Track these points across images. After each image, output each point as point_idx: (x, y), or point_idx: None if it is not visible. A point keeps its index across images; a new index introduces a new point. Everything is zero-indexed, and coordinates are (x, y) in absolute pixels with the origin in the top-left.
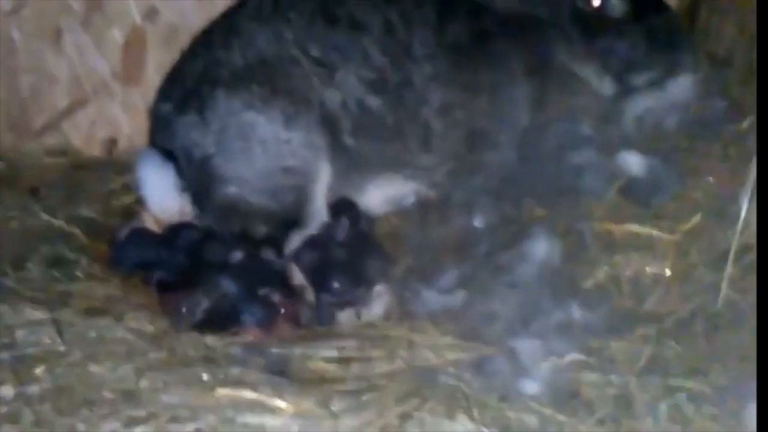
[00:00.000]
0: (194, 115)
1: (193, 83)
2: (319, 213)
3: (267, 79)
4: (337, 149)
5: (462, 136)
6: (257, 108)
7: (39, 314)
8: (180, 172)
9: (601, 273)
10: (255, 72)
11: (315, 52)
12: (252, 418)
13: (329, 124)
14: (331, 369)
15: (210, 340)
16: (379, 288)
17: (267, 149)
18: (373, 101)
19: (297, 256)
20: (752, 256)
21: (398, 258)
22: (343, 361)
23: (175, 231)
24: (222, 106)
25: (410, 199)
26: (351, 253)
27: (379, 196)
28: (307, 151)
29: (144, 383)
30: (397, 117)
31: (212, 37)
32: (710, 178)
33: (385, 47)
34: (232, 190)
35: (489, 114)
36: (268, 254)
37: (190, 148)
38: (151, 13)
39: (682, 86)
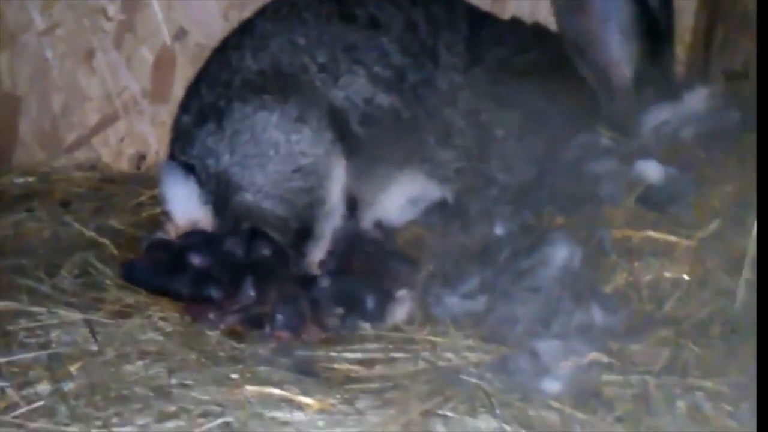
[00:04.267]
0: (211, 124)
1: (210, 93)
2: (334, 215)
3: (279, 85)
4: (348, 142)
5: (483, 140)
6: (270, 110)
7: (73, 316)
8: (200, 183)
9: (621, 278)
10: (267, 79)
11: (322, 58)
12: (279, 414)
13: (337, 119)
14: (356, 369)
15: (237, 342)
16: (402, 293)
17: (279, 151)
18: (384, 98)
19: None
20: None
21: (422, 264)
22: (368, 362)
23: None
24: (236, 114)
25: (433, 200)
26: (372, 260)
27: (401, 196)
28: (318, 149)
29: (174, 380)
30: (413, 113)
31: (228, 45)
32: (727, 187)
33: (405, 47)
34: (247, 197)
35: (515, 125)
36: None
37: (207, 158)
38: (180, 34)
39: (697, 99)
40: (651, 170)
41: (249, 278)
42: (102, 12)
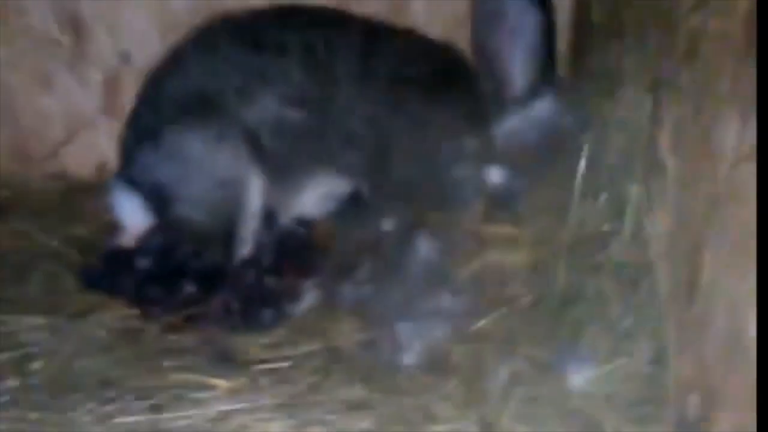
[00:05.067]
0: (148, 143)
1: (146, 114)
2: (252, 218)
3: (202, 107)
4: (262, 155)
5: (379, 144)
6: (194, 132)
7: (36, 320)
8: (144, 196)
9: (475, 265)
10: (192, 102)
11: (237, 82)
12: (198, 395)
13: (250, 136)
14: (265, 352)
15: (174, 336)
16: (309, 284)
17: (203, 166)
18: (293, 113)
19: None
20: (583, 248)
21: (329, 256)
22: (275, 346)
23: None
24: (167, 134)
25: (345, 193)
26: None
27: (315, 193)
28: (236, 162)
29: (116, 372)
30: (318, 124)
31: (162, 71)
32: (556, 184)
33: (306, 68)
34: (180, 208)
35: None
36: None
37: (146, 173)
38: (124, 57)
39: (543, 105)
40: (497, 174)
41: (187, 280)
42: (56, 42)
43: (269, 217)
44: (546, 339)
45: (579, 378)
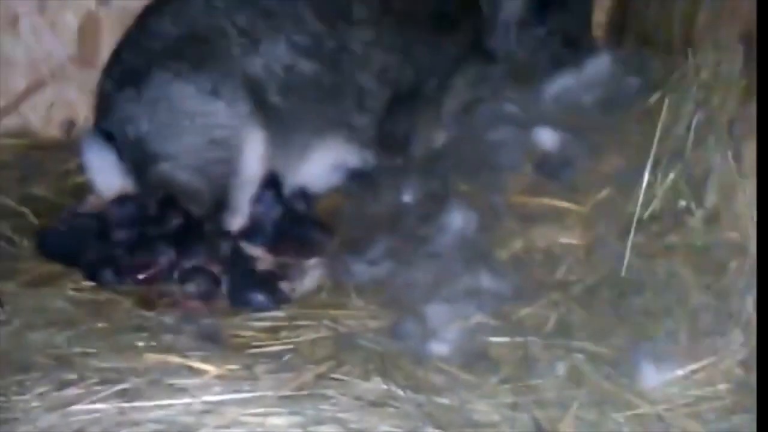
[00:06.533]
0: (131, 91)
1: (130, 59)
2: (248, 185)
3: (196, 51)
4: (266, 113)
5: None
6: (186, 80)
7: None
8: (120, 153)
9: (517, 244)
10: (185, 44)
11: (242, 22)
12: (177, 380)
13: (253, 89)
14: (260, 336)
15: (147, 311)
16: (313, 261)
17: (194, 122)
18: (305, 65)
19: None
20: (656, 227)
21: (337, 232)
22: (272, 330)
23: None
24: (155, 81)
25: (354, 166)
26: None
27: (323, 163)
28: (233, 120)
29: (77, 349)
30: (332, 79)
31: (149, 11)
32: (620, 153)
33: (321, 13)
34: (164, 166)
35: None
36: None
37: (126, 124)
38: None
39: (600, 65)
40: (547, 137)
41: (161, 245)
42: None
43: (274, 185)
44: (605, 332)
45: (652, 380)
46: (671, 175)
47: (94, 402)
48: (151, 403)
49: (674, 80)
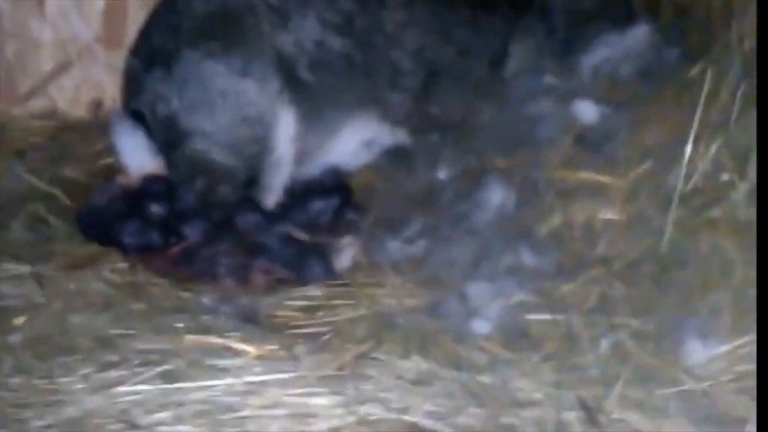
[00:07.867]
0: (160, 70)
1: (159, 38)
2: (281, 163)
3: (226, 28)
4: (297, 89)
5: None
6: (217, 60)
7: (21, 269)
8: (150, 133)
9: (556, 219)
10: (214, 22)
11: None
12: (218, 361)
13: (283, 66)
14: (298, 316)
15: (184, 291)
16: (347, 239)
17: (226, 100)
18: (335, 41)
19: None
20: (699, 200)
21: (370, 210)
22: (310, 309)
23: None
24: (184, 60)
25: (387, 143)
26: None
27: (354, 140)
28: (264, 98)
29: (117, 331)
30: (363, 56)
31: None
32: (661, 125)
33: None
34: (196, 144)
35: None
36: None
37: (157, 104)
38: None
39: (639, 34)
40: (587, 110)
41: (196, 225)
42: None
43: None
44: (648, 308)
45: (698, 356)
46: (713, 148)
47: (137, 383)
48: (194, 384)
49: (716, 51)
